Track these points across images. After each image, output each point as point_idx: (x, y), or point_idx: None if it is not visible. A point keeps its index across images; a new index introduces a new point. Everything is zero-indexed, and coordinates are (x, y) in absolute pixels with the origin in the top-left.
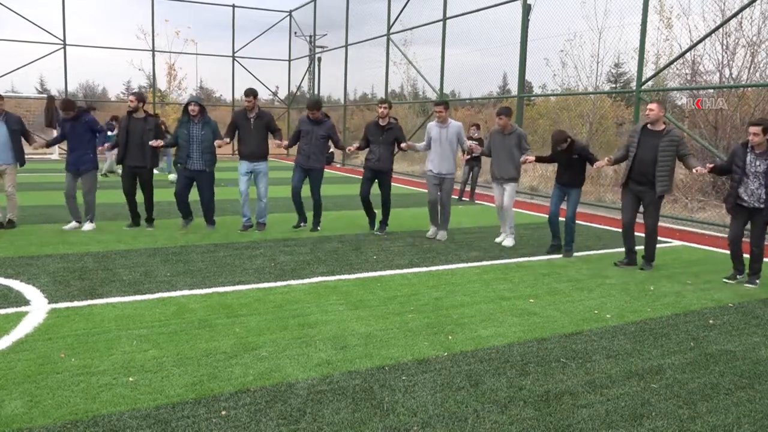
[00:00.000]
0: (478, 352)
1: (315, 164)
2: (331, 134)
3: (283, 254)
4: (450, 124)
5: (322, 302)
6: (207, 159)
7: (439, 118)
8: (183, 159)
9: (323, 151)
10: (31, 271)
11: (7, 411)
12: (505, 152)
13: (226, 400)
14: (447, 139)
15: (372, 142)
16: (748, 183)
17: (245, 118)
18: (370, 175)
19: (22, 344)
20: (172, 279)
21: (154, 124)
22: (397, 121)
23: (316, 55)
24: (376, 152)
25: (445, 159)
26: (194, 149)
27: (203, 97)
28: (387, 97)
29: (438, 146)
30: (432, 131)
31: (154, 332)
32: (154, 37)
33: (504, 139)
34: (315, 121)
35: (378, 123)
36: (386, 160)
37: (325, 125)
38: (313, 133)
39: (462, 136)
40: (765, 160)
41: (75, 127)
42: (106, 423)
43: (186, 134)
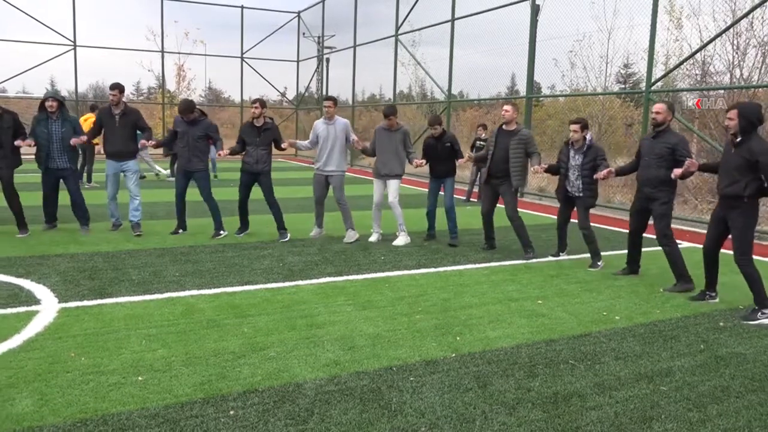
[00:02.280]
0: (486, 353)
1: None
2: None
3: (291, 255)
4: (337, 121)
5: (330, 303)
6: (68, 156)
7: (328, 114)
8: (43, 158)
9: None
10: (41, 271)
11: (17, 409)
12: (390, 149)
13: (234, 400)
14: (334, 135)
15: (249, 143)
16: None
17: (110, 115)
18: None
19: (33, 343)
20: (180, 279)
21: (12, 120)
22: (273, 120)
23: (324, 56)
24: (254, 154)
25: (332, 156)
26: (55, 148)
27: (209, 97)
28: (395, 98)
29: (326, 143)
30: (319, 128)
31: (163, 332)
32: (164, 38)
33: (390, 135)
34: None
35: (253, 124)
36: (265, 161)
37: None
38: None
39: (349, 131)
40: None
41: None
42: (115, 422)
43: (45, 132)
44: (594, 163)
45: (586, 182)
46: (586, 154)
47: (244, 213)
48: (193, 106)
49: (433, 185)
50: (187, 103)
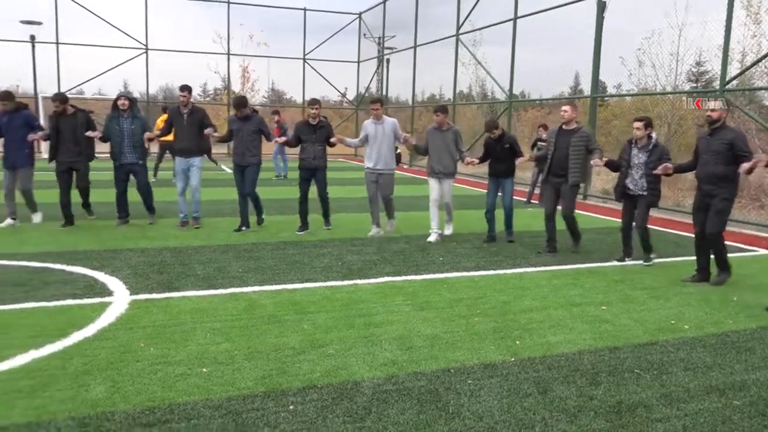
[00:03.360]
0: (547, 358)
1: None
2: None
3: (350, 254)
4: (385, 121)
5: (388, 302)
6: (137, 152)
7: (375, 116)
8: (116, 154)
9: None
10: (114, 264)
11: (92, 395)
12: (442, 148)
13: (294, 395)
14: (384, 135)
15: (305, 140)
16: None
17: (179, 114)
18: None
19: (106, 333)
20: (243, 275)
21: (85, 118)
22: (327, 118)
23: (384, 57)
24: (311, 151)
25: (381, 155)
26: (126, 144)
27: (272, 98)
28: (455, 98)
29: (375, 142)
30: (368, 128)
31: (227, 326)
32: (230, 40)
33: (442, 135)
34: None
35: (309, 122)
36: (321, 157)
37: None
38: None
39: (398, 131)
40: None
41: (12, 120)
42: (181, 411)
43: (117, 129)
44: (659, 162)
45: (649, 181)
46: (652, 152)
47: (304, 211)
48: (246, 101)
49: (492, 185)
50: (240, 99)
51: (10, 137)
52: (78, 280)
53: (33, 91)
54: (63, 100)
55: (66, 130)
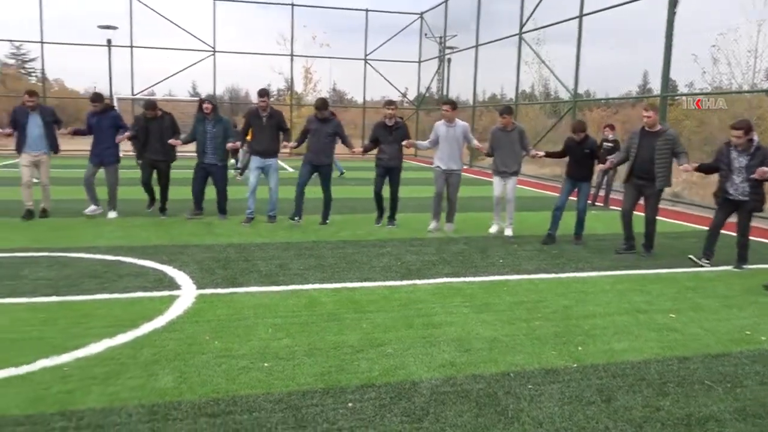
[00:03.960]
0: (611, 366)
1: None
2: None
3: (409, 254)
4: (457, 124)
5: (446, 303)
6: (218, 154)
7: (446, 118)
8: (199, 153)
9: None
10: (182, 259)
11: (160, 384)
12: (507, 148)
13: (352, 393)
14: (454, 138)
15: (382, 141)
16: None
17: (258, 116)
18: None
19: (174, 325)
20: (304, 272)
21: (170, 121)
22: (403, 119)
23: (445, 57)
24: (388, 151)
25: (453, 156)
26: (209, 145)
27: (333, 98)
28: (517, 97)
29: (446, 144)
30: (439, 129)
31: (288, 322)
32: (293, 42)
33: (507, 135)
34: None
35: (386, 123)
36: (398, 157)
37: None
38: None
39: (469, 135)
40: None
41: (101, 120)
42: (243, 403)
43: (202, 131)
44: (762, 165)
45: (752, 185)
46: (754, 155)
47: (380, 201)
48: (327, 104)
49: (567, 186)
50: (322, 101)
51: (99, 136)
52: (148, 274)
53: (109, 92)
54: (153, 107)
55: (154, 132)
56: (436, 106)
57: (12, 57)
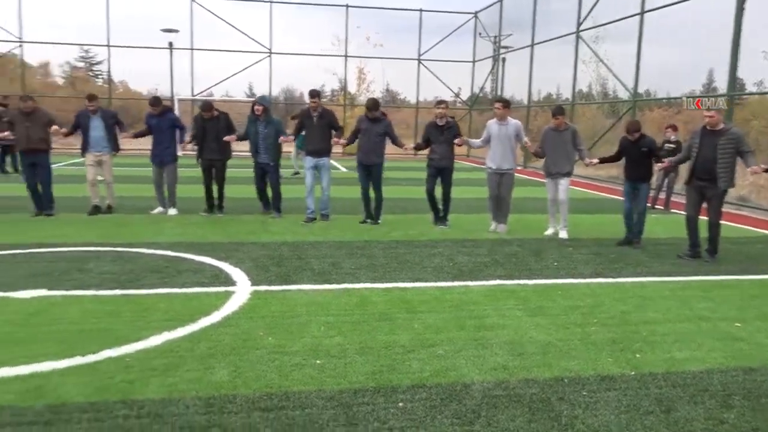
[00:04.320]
0: (671, 375)
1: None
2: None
3: (461, 255)
4: (509, 122)
5: (499, 306)
6: (270, 153)
7: (498, 116)
8: (253, 153)
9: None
10: (237, 256)
11: (216, 377)
12: (559, 148)
13: (403, 393)
14: (506, 136)
15: (433, 141)
16: None
17: (309, 117)
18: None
19: (229, 320)
20: (356, 272)
21: (225, 121)
22: (454, 119)
23: (500, 56)
24: (438, 151)
25: (505, 155)
26: (261, 145)
27: (386, 98)
28: (574, 97)
29: (498, 143)
30: (491, 128)
31: (340, 320)
32: (347, 43)
33: (559, 135)
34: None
35: (437, 123)
36: (449, 157)
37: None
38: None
39: (521, 133)
40: None
41: (160, 122)
42: (296, 399)
43: (254, 132)
44: None
45: None
46: None
47: (433, 201)
48: (378, 104)
49: (627, 188)
50: (373, 101)
51: (159, 137)
52: (206, 270)
53: (170, 93)
54: (210, 108)
55: (210, 132)
56: (490, 106)
57: (81, 60)
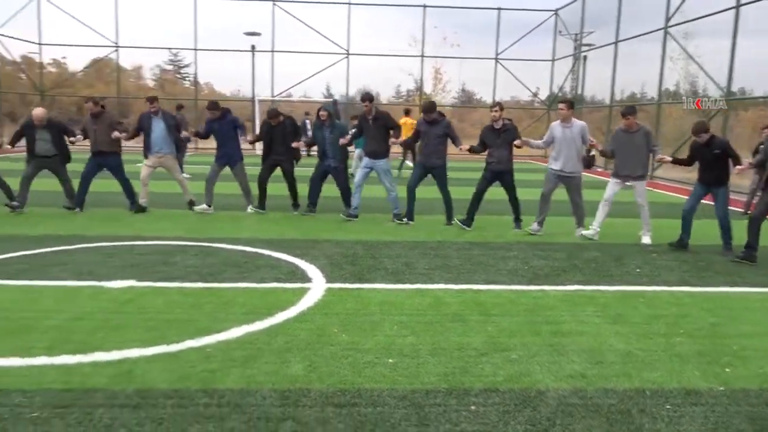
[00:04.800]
0: (765, 392)
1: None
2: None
3: (537, 258)
4: (574, 124)
5: (577, 311)
6: (337, 156)
7: (562, 117)
8: (320, 155)
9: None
10: (313, 253)
11: (292, 371)
12: (631, 150)
13: (475, 396)
14: (571, 138)
15: (490, 144)
16: None
17: (366, 120)
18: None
19: (305, 315)
20: (429, 272)
21: (291, 125)
22: (512, 121)
23: (581, 54)
24: (495, 154)
25: (570, 158)
26: (328, 149)
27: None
28: (660, 96)
29: (562, 146)
30: (555, 130)
31: (412, 320)
32: (424, 43)
33: (630, 137)
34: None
35: (493, 126)
36: (507, 160)
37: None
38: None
39: (586, 135)
40: None
41: (222, 125)
42: (368, 397)
43: (321, 136)
44: None
45: None
46: None
47: (475, 203)
48: (434, 106)
49: (698, 190)
50: (429, 103)
51: (222, 140)
52: (282, 266)
53: (251, 94)
54: (276, 115)
55: (277, 136)
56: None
57: (170, 63)
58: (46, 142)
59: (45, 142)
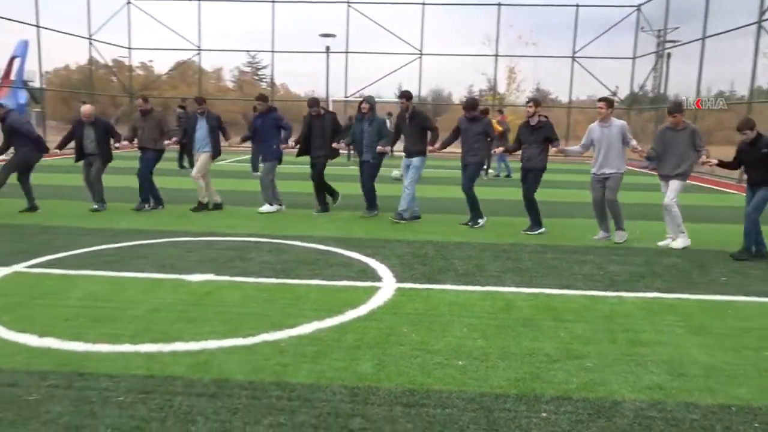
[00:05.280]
0: None
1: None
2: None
3: (613, 263)
4: (612, 123)
5: (656, 320)
6: (372, 151)
7: (601, 117)
8: (358, 151)
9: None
10: (383, 253)
11: (361, 369)
12: (675, 149)
13: (546, 403)
14: (609, 138)
15: (523, 141)
16: None
17: (404, 118)
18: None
19: (375, 314)
20: (501, 275)
21: (331, 120)
22: (548, 118)
23: (664, 51)
24: (527, 151)
25: (607, 158)
26: (365, 143)
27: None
28: (752, 94)
29: (600, 146)
30: (593, 131)
31: (482, 323)
32: (498, 42)
33: (675, 135)
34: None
35: (529, 122)
36: (536, 158)
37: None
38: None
39: (627, 135)
40: None
41: (265, 121)
42: (437, 398)
43: (359, 130)
44: None
45: None
46: None
47: (527, 206)
48: (476, 103)
49: (748, 194)
50: (471, 101)
51: (262, 137)
52: (353, 264)
53: (325, 94)
54: (316, 104)
55: (316, 129)
56: (651, 105)
57: (248, 65)
58: (91, 141)
59: (90, 141)
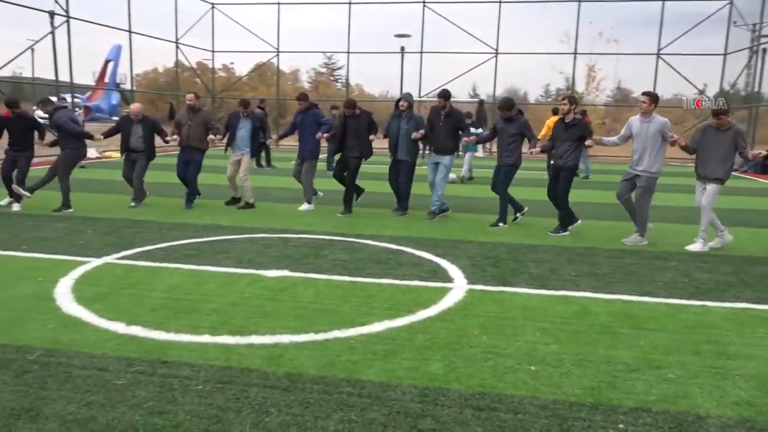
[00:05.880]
0: None
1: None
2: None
3: (699, 270)
4: (654, 119)
5: (745, 333)
6: (409, 150)
7: (643, 111)
8: (392, 149)
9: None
10: (455, 254)
11: (431, 369)
12: (715, 149)
13: (624, 414)
14: (649, 134)
15: (557, 139)
16: None
17: (438, 115)
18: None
19: (446, 315)
20: (576, 279)
21: (367, 120)
22: (583, 116)
23: (759, 47)
24: (559, 149)
25: (644, 156)
26: (401, 141)
27: (616, 97)
28: None
29: (639, 141)
30: (633, 125)
31: (556, 328)
32: (577, 40)
33: (719, 135)
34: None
35: (564, 120)
36: (567, 157)
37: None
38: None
39: (666, 132)
40: None
41: (305, 119)
42: (508, 403)
43: (396, 128)
44: None
45: None
46: None
47: (555, 204)
48: (512, 104)
49: None
50: (507, 101)
51: (301, 133)
52: (425, 264)
53: (399, 95)
54: (353, 106)
55: (351, 129)
56: (744, 104)
57: (324, 66)
58: (138, 137)
59: (137, 137)
